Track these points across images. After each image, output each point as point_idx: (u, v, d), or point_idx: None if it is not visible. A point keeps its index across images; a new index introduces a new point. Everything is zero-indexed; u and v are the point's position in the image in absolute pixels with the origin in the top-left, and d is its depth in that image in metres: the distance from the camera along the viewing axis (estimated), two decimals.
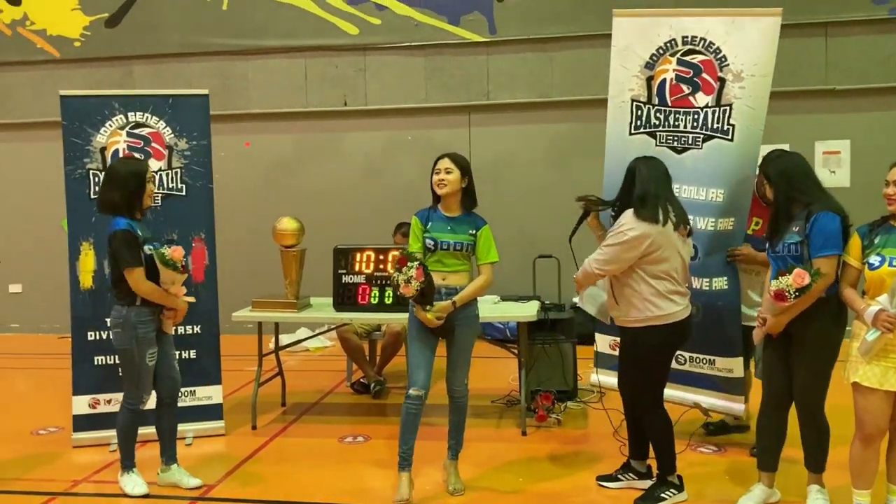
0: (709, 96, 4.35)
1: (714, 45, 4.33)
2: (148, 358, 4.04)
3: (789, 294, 3.39)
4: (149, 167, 4.17)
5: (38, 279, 8.54)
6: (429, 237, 3.90)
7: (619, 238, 3.70)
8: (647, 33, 4.46)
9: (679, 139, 4.41)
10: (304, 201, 7.79)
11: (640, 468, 4.07)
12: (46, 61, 8.57)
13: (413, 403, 3.88)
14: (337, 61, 8.28)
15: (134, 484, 4.11)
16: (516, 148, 8.16)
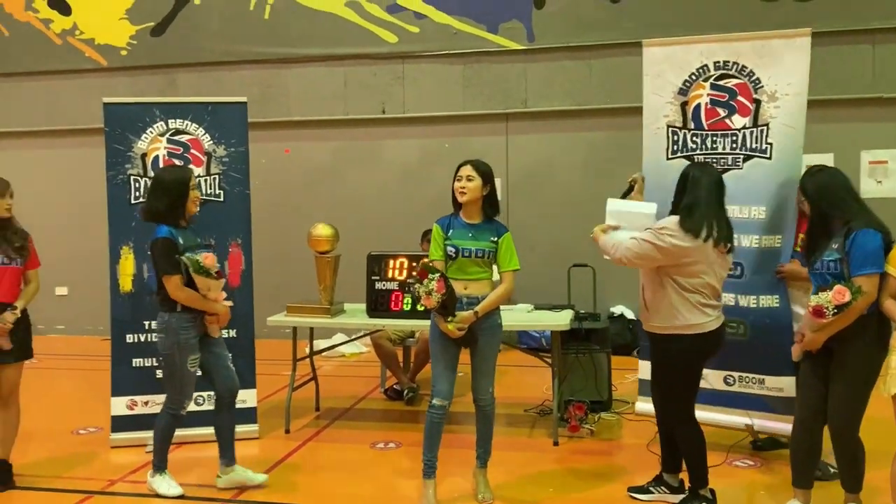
0: (745, 118, 4.42)
1: (747, 69, 4.40)
2: (189, 363, 4.07)
3: (828, 310, 3.32)
4: (192, 174, 4.23)
5: (83, 282, 8.74)
6: (450, 244, 3.88)
7: (657, 239, 3.65)
8: (678, 60, 4.56)
9: (718, 161, 4.46)
10: (342, 208, 7.86)
11: (673, 482, 4.02)
12: (94, 69, 8.80)
13: (437, 413, 3.88)
14: (375, 69, 8.34)
15: (168, 485, 4.17)
16: (554, 156, 8.12)
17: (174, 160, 5.07)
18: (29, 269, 4.29)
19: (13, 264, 4.18)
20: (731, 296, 4.43)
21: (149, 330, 5.01)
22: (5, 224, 4.19)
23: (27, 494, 4.26)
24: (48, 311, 9.11)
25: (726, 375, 4.48)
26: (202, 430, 4.76)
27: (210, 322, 4.16)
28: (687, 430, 3.79)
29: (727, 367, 4.46)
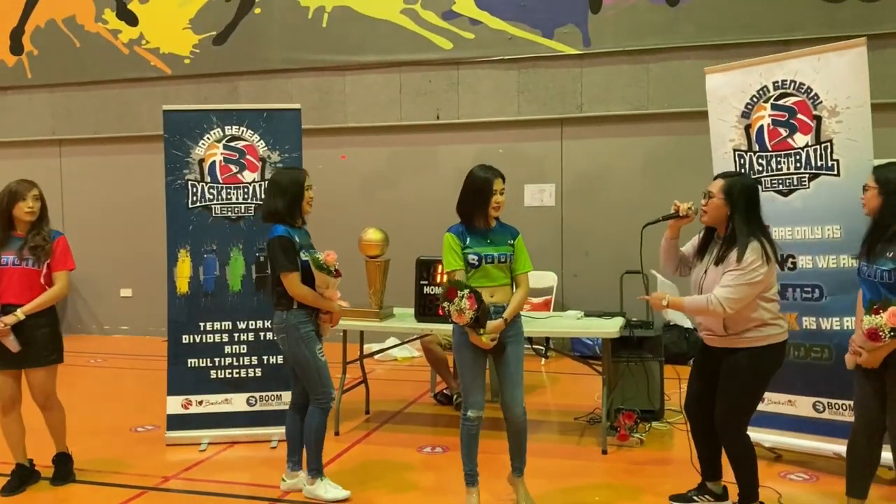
0: (807, 136, 4.36)
1: (805, 86, 4.35)
2: (319, 353, 4.11)
3: (884, 334, 3.21)
4: (307, 175, 4.24)
5: (147, 284, 9.00)
6: (471, 253, 3.79)
7: (749, 278, 3.46)
8: (739, 84, 4.57)
9: (784, 181, 4.43)
10: (396, 213, 7.93)
11: (716, 489, 3.93)
12: (159, 78, 9.08)
13: (473, 425, 3.84)
14: (431, 75, 8.39)
15: (333, 489, 4.15)
16: (609, 161, 8.03)
17: (230, 166, 5.20)
18: (54, 270, 4.27)
19: (25, 265, 4.16)
20: (812, 319, 4.38)
21: (204, 331, 5.14)
22: (32, 226, 4.23)
23: (86, 488, 4.41)
24: (114, 312, 9.47)
25: (815, 402, 4.37)
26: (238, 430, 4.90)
27: (323, 321, 4.19)
28: (743, 441, 3.68)
29: (816, 394, 4.36)
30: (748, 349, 3.58)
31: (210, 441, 5.07)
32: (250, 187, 5.21)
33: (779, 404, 4.49)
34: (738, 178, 3.73)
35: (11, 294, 4.17)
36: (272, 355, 5.16)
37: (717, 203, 3.60)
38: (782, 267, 4.31)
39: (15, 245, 4.20)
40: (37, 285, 4.21)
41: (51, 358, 4.29)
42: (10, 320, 4.10)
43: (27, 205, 4.19)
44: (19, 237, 4.23)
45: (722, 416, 3.67)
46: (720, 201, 3.59)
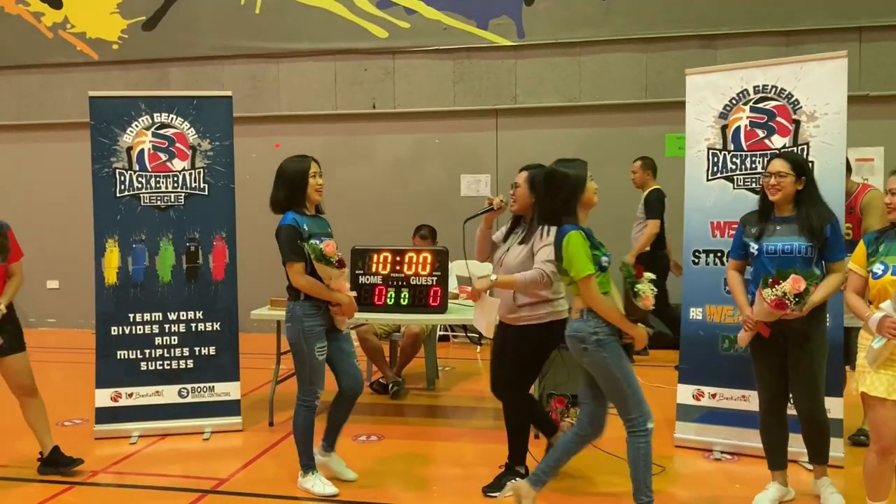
0: (785, 138, 4.54)
1: (786, 91, 4.54)
2: (317, 352, 3.99)
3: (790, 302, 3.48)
4: (312, 162, 4.21)
5: (73, 276, 8.78)
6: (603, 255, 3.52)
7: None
8: (719, 87, 4.73)
9: (757, 180, 4.54)
10: (332, 202, 7.71)
11: (522, 469, 4.12)
12: (86, 63, 8.82)
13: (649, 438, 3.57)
14: (366, 64, 8.37)
15: (323, 484, 4.08)
16: (544, 152, 7.99)
17: (159, 154, 5.10)
18: (11, 262, 4.25)
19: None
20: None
21: (134, 322, 5.05)
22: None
23: (12, 485, 4.29)
24: (40, 304, 9.19)
25: None
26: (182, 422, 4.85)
27: (335, 313, 4.06)
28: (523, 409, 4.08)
29: None
30: (536, 325, 3.88)
31: (141, 434, 4.99)
32: (180, 176, 5.12)
33: (731, 400, 4.61)
34: (539, 170, 3.91)
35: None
36: (204, 346, 5.11)
37: (523, 192, 3.93)
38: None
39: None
40: (3, 280, 4.24)
41: (21, 346, 4.35)
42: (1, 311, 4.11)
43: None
44: None
45: (510, 385, 4.02)
46: (525, 190, 3.91)
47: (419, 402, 5.91)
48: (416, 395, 6.11)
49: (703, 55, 7.59)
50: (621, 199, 7.81)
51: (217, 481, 4.28)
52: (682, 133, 7.53)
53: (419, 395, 6.14)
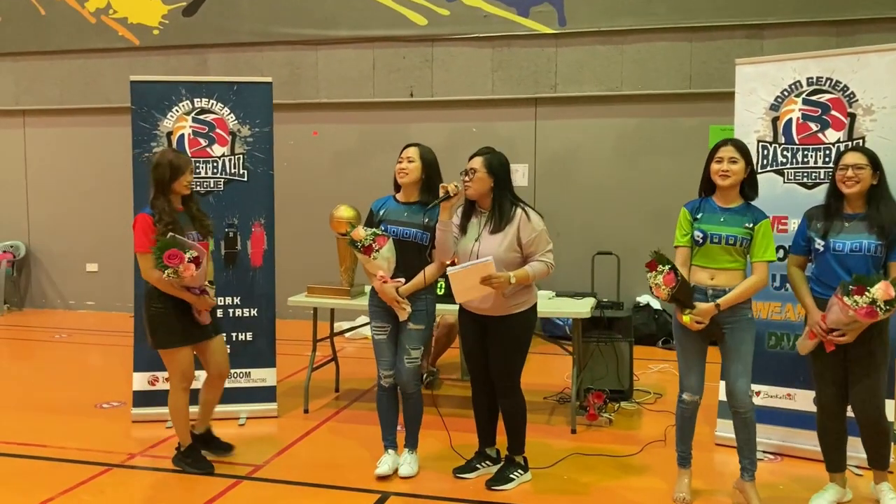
0: (839, 132, 4.40)
1: (841, 83, 4.38)
2: (374, 332, 4.13)
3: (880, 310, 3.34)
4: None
5: (112, 259, 8.88)
6: (698, 228, 3.65)
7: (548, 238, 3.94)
8: (770, 77, 4.59)
9: (809, 175, 4.45)
10: (367, 191, 7.76)
11: (492, 453, 4.21)
12: (127, 49, 8.88)
13: (687, 408, 3.76)
14: (404, 52, 8.31)
15: (382, 462, 4.18)
16: (583, 142, 8.04)
17: (199, 139, 5.10)
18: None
19: (207, 240, 4.18)
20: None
21: None
22: (186, 200, 4.16)
23: (51, 465, 4.33)
24: (79, 287, 9.32)
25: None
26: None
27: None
28: (522, 399, 4.04)
29: None
30: (521, 312, 3.87)
31: None
32: (220, 161, 5.12)
33: (776, 398, 4.50)
34: (494, 154, 3.91)
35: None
36: (241, 332, 5.11)
37: (482, 177, 3.84)
38: None
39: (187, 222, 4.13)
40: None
41: (220, 327, 4.38)
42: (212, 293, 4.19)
43: (188, 179, 4.11)
44: (179, 212, 4.12)
45: (503, 376, 3.95)
46: (484, 175, 3.83)
47: (453, 393, 5.87)
48: (450, 385, 6.07)
49: (750, 45, 7.41)
50: (662, 190, 7.71)
51: (252, 468, 4.28)
52: (725, 125, 7.50)
53: (453, 385, 6.10)
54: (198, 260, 3.95)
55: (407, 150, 4.11)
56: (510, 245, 3.81)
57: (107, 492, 3.97)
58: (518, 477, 4.06)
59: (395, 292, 3.98)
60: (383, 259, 3.99)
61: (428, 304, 4.10)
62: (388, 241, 4.00)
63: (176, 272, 3.89)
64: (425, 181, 4.07)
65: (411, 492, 3.99)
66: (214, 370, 4.30)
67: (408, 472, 4.15)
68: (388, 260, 4.00)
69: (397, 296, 3.98)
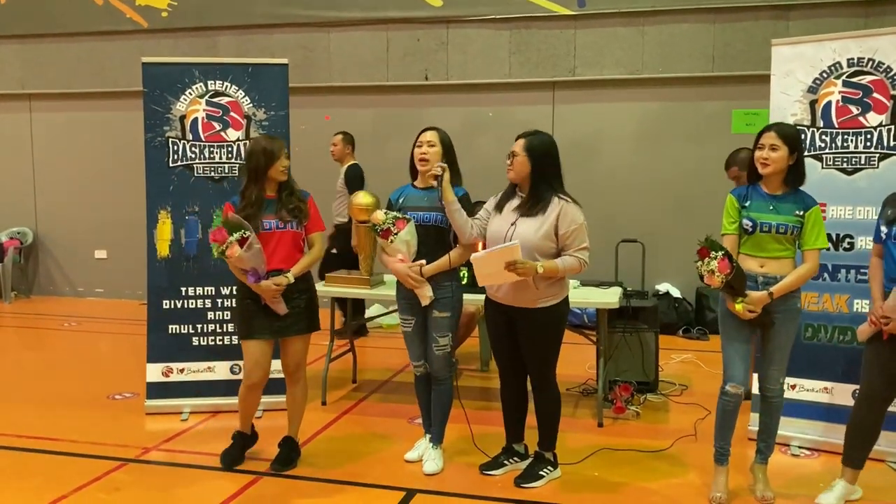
0: (881, 115, 4.22)
1: (884, 64, 4.19)
2: (402, 324, 4.10)
3: None
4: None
5: (121, 246, 8.75)
6: (746, 217, 3.53)
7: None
8: (808, 59, 4.41)
9: (849, 160, 4.29)
10: (383, 176, 7.62)
11: (520, 449, 4.09)
12: (135, 31, 8.70)
13: (729, 401, 3.59)
14: (419, 34, 8.11)
15: (415, 449, 4.21)
16: (603, 127, 7.84)
17: (213, 123, 4.94)
18: (310, 232, 4.07)
19: (287, 228, 3.96)
20: (866, 302, 4.15)
21: (186, 296, 4.93)
22: (283, 186, 4.00)
23: (63, 460, 4.21)
24: (88, 274, 9.19)
25: (855, 390, 4.07)
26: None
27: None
28: (558, 394, 3.95)
29: (856, 381, 3.98)
30: (552, 306, 3.72)
31: (192, 410, 4.89)
32: (234, 146, 4.96)
33: (813, 392, 4.35)
34: (537, 137, 3.76)
35: (278, 259, 3.93)
36: None
37: (522, 160, 3.69)
38: (836, 247, 4.26)
39: (272, 208, 3.96)
40: (298, 248, 4.04)
41: (315, 325, 4.10)
42: (282, 281, 3.89)
43: (283, 163, 3.96)
44: (270, 198, 3.98)
45: (539, 371, 3.84)
46: (524, 159, 3.68)
47: (472, 384, 5.73)
48: (469, 376, 5.93)
49: (775, 26, 7.21)
50: (684, 176, 7.55)
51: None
52: (749, 108, 7.32)
53: (472, 376, 5.96)
54: (245, 241, 3.79)
55: (425, 135, 3.97)
56: (547, 234, 3.64)
57: (122, 489, 3.84)
58: (548, 474, 3.91)
59: (408, 269, 3.87)
60: (402, 242, 3.87)
61: (454, 291, 3.98)
62: (409, 225, 3.88)
63: (222, 252, 3.82)
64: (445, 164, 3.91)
65: (437, 489, 3.85)
66: (284, 370, 4.11)
67: (433, 469, 4.01)
68: (407, 243, 3.88)
69: (411, 273, 3.86)
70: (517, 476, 3.92)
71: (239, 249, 3.79)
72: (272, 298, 3.90)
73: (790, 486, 3.84)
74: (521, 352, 3.83)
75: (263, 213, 3.93)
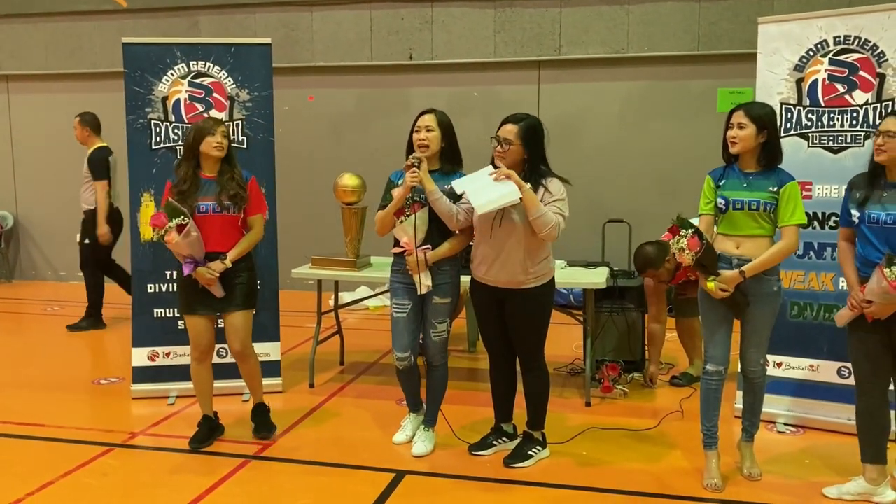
0: (868, 93, 4.21)
1: (870, 42, 4.18)
2: (394, 308, 3.95)
3: None
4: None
5: None
6: (720, 196, 3.53)
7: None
8: (794, 37, 4.39)
9: (835, 139, 4.29)
10: (367, 158, 7.63)
11: (508, 429, 4.09)
12: (115, 11, 8.55)
13: (711, 380, 3.60)
14: (403, 13, 8.03)
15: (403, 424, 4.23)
16: (588, 106, 7.82)
17: (196, 104, 4.87)
18: (249, 214, 4.06)
19: (225, 212, 3.94)
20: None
21: (170, 280, 4.88)
22: (222, 167, 3.96)
23: (49, 446, 4.18)
24: (69, 257, 9.07)
25: (841, 367, 4.24)
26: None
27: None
28: (547, 374, 3.96)
29: (842, 359, 4.15)
30: (539, 286, 3.73)
31: (178, 394, 4.86)
32: None
33: (798, 370, 4.38)
34: (529, 120, 3.68)
35: (213, 241, 3.94)
36: None
37: (516, 149, 3.64)
38: (822, 226, 4.29)
39: (211, 190, 3.93)
40: (236, 231, 4.04)
41: (252, 303, 4.11)
42: (218, 267, 3.91)
43: (215, 140, 3.90)
44: (209, 179, 3.95)
45: (528, 352, 3.85)
46: (519, 147, 3.64)
47: (459, 365, 5.73)
48: (456, 357, 5.92)
49: (761, 5, 7.20)
50: (670, 155, 7.56)
51: (260, 446, 4.13)
52: (735, 87, 7.31)
53: (460, 357, 5.96)
54: (183, 228, 3.79)
55: (423, 118, 3.87)
56: None
57: (110, 474, 3.82)
58: (537, 453, 3.93)
59: (421, 262, 3.79)
60: (410, 225, 3.79)
61: (452, 276, 3.94)
62: (422, 211, 3.80)
63: (161, 236, 3.81)
64: (446, 148, 3.87)
65: (427, 470, 3.86)
66: (230, 348, 4.15)
67: (422, 451, 4.01)
68: (416, 227, 3.78)
69: (419, 266, 3.79)
70: (506, 456, 3.93)
71: (177, 236, 3.79)
72: (207, 284, 3.93)
73: (776, 463, 3.88)
74: (510, 333, 3.83)
75: (201, 195, 3.92)
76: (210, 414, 4.19)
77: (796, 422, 4.38)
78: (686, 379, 5.14)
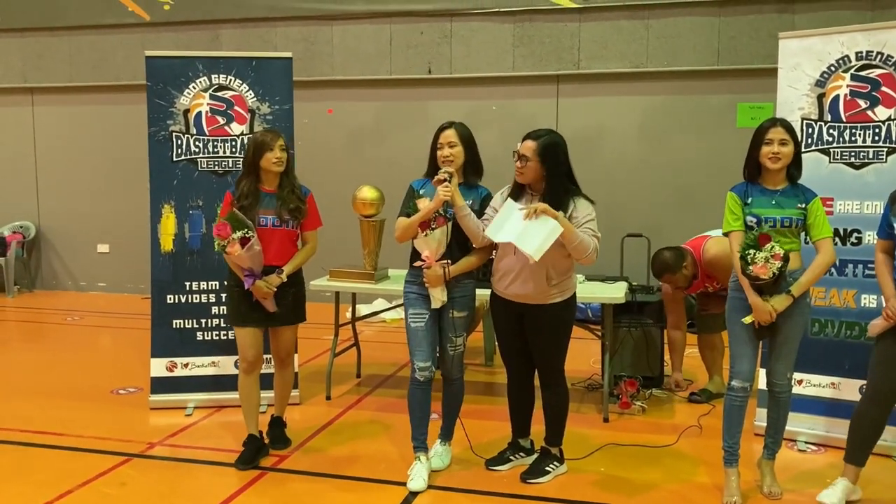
0: (890, 109, 4.19)
1: (893, 58, 4.17)
2: (411, 319, 3.82)
3: None
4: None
5: (125, 240, 8.73)
6: (750, 214, 3.50)
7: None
8: (816, 52, 4.37)
9: (857, 154, 4.26)
10: (386, 171, 7.64)
11: (526, 444, 4.08)
12: (137, 24, 8.66)
13: (736, 396, 3.55)
14: (422, 27, 8.07)
15: (415, 474, 3.81)
16: (607, 121, 7.82)
17: (217, 117, 4.92)
18: (306, 229, 4.11)
19: (284, 226, 3.99)
20: (873, 297, 4.16)
21: (190, 290, 4.91)
22: (282, 181, 4.00)
23: (69, 455, 4.20)
24: (90, 268, 9.18)
25: (863, 385, 4.05)
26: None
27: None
28: (567, 389, 3.95)
29: (864, 377, 3.95)
30: (561, 301, 3.71)
31: (196, 405, 4.88)
32: (238, 140, 4.94)
33: (820, 387, 4.33)
34: (550, 137, 3.64)
35: (271, 255, 3.98)
36: None
37: (533, 166, 3.60)
38: (844, 242, 4.24)
39: (271, 204, 3.98)
40: (293, 245, 4.10)
41: (301, 316, 4.19)
42: (275, 282, 3.95)
43: (275, 155, 3.93)
44: (269, 192, 3.99)
45: (549, 367, 3.83)
46: (536, 164, 3.59)
47: (476, 379, 5.71)
48: (473, 370, 5.91)
49: (781, 20, 7.17)
50: (689, 170, 7.53)
51: (276, 458, 4.14)
52: (754, 102, 7.28)
53: (477, 371, 5.95)
54: (246, 241, 3.82)
55: (445, 135, 3.80)
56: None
57: (128, 483, 3.83)
58: (554, 469, 3.90)
59: (440, 276, 3.73)
60: (434, 239, 3.73)
61: (470, 289, 3.92)
62: (446, 226, 3.75)
63: (223, 247, 3.84)
64: (469, 161, 3.84)
65: (443, 485, 3.84)
66: (275, 356, 4.23)
67: (439, 465, 4.00)
68: (438, 242, 3.74)
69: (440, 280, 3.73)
70: (523, 472, 3.91)
71: (240, 249, 3.81)
72: (263, 297, 3.93)
73: (797, 482, 3.83)
74: (530, 348, 3.81)
75: (261, 208, 3.94)
76: (255, 433, 4.13)
77: (818, 440, 4.33)
78: (705, 395, 5.09)
